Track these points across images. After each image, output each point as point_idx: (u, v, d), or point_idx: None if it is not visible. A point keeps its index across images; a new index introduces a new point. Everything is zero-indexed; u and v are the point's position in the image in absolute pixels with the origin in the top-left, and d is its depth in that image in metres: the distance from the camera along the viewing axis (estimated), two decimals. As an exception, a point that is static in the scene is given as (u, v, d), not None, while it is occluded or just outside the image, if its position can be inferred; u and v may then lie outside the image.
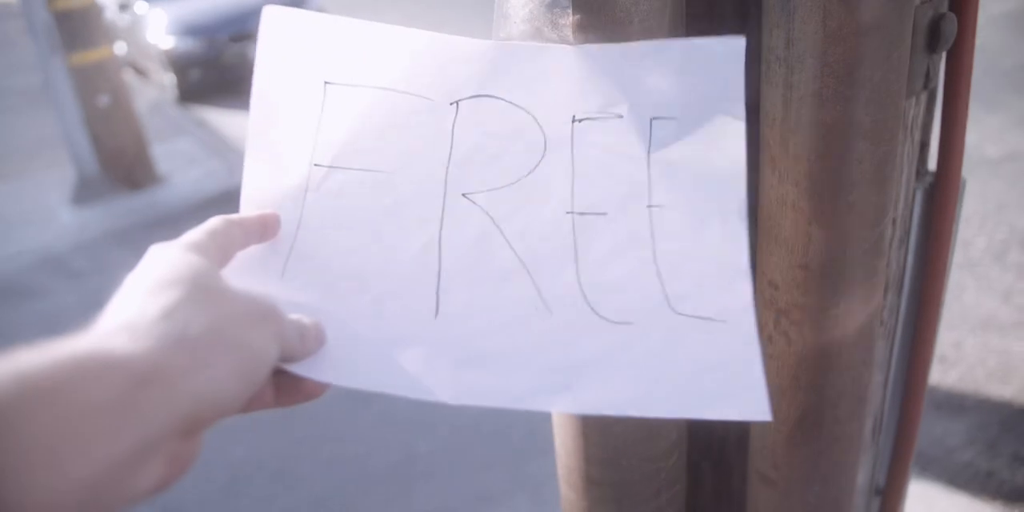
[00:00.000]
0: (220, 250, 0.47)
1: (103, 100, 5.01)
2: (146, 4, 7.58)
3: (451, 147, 0.53)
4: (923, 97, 0.70)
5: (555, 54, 0.54)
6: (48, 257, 4.50)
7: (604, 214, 0.51)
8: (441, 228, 0.52)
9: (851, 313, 0.63)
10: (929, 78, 0.67)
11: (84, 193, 5.18)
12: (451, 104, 0.53)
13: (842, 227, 0.59)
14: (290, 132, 0.54)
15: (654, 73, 0.52)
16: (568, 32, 0.55)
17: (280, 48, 0.54)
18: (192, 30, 7.26)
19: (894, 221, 0.70)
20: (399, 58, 0.54)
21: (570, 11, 0.55)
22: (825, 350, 0.64)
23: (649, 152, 0.52)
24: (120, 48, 6.71)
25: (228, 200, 4.85)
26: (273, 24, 0.55)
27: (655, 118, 0.52)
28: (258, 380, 0.40)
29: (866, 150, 0.57)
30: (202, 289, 0.40)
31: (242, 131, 6.17)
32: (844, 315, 0.63)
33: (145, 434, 0.34)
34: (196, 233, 0.46)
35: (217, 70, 7.31)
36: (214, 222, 0.48)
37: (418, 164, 0.53)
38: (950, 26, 0.63)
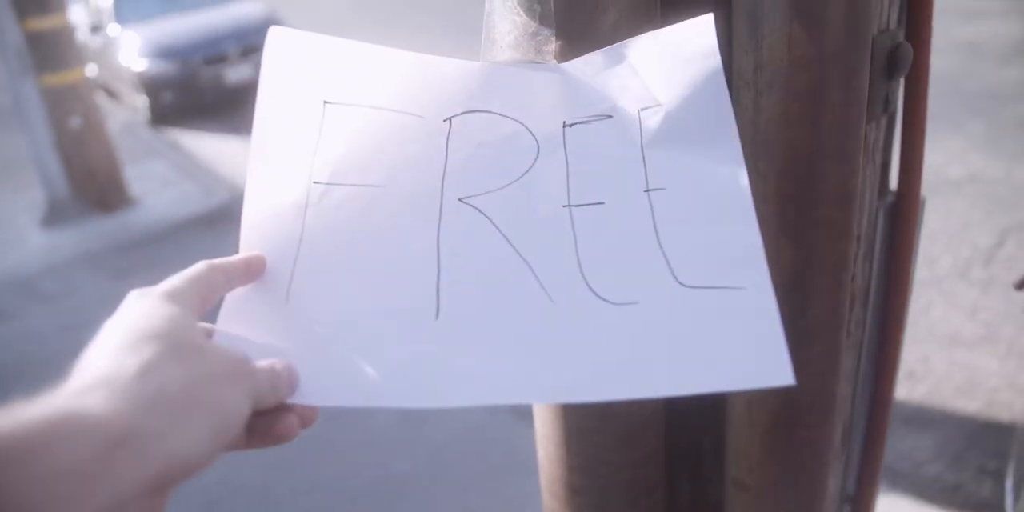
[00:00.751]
0: (199, 297, 0.47)
1: (75, 122, 4.98)
2: (118, 26, 7.56)
3: (446, 158, 0.55)
4: (883, 120, 0.74)
5: (541, 71, 0.57)
6: (17, 280, 4.44)
7: (601, 204, 0.53)
8: (439, 231, 0.53)
9: (819, 324, 0.66)
10: (888, 102, 0.71)
11: (55, 215, 5.12)
12: (444, 121, 0.55)
13: (809, 242, 0.63)
14: (290, 150, 0.55)
15: (635, 69, 0.54)
16: (551, 59, 0.58)
17: (283, 68, 0.56)
18: (165, 52, 7.24)
19: (859, 237, 0.73)
20: (395, 79, 0.56)
21: (553, 38, 0.59)
22: (794, 359, 0.67)
23: (642, 142, 0.53)
24: (92, 70, 6.67)
25: (202, 223, 4.82)
26: (277, 45, 0.56)
27: (643, 109, 0.54)
28: (230, 437, 0.41)
29: (830, 170, 0.60)
30: (179, 345, 0.41)
31: (216, 153, 6.18)
32: (813, 326, 0.66)
33: (116, 496, 0.34)
34: (176, 280, 0.47)
35: (190, 92, 7.28)
36: (197, 268, 0.48)
37: (414, 176, 0.54)
38: (906, 54, 0.68)
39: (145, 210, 5.23)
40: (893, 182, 0.80)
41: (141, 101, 7.37)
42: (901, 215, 0.78)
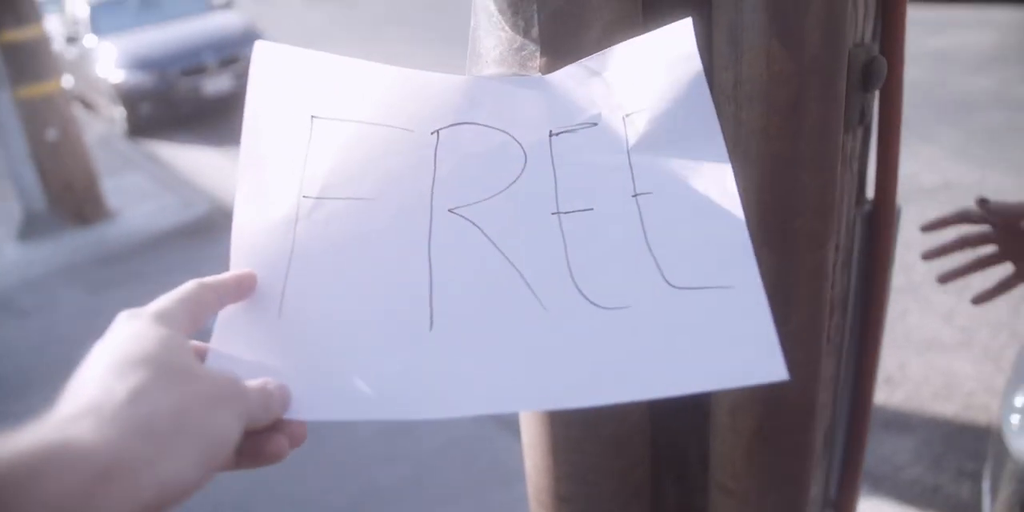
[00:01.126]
0: (190, 317, 0.47)
1: (51, 134, 4.94)
2: (95, 37, 7.51)
3: (434, 170, 0.55)
4: (859, 131, 0.76)
5: (525, 83, 0.58)
6: (-8, 294, 4.39)
7: (590, 210, 0.53)
8: (430, 242, 0.53)
9: (800, 331, 0.68)
10: (864, 114, 0.73)
11: (31, 229, 5.07)
12: (431, 133, 0.56)
13: (789, 251, 0.64)
14: (279, 165, 0.56)
15: (617, 76, 0.55)
16: (537, 74, 0.60)
17: (270, 82, 0.57)
18: (143, 63, 7.20)
19: (837, 246, 0.75)
20: (381, 93, 0.57)
21: (538, 54, 0.60)
22: (778, 365, 0.68)
23: (628, 147, 0.54)
24: (68, 81, 6.62)
25: (181, 235, 4.79)
26: (264, 59, 0.57)
27: (627, 115, 0.55)
28: (221, 462, 0.41)
29: (809, 180, 0.62)
30: (169, 369, 0.40)
31: (194, 165, 6.15)
32: (793, 333, 0.67)
33: None
34: (166, 301, 0.46)
35: (168, 104, 7.25)
36: (187, 287, 0.48)
37: (404, 188, 0.55)
38: (881, 67, 0.69)
39: (123, 223, 5.18)
40: (869, 191, 0.82)
41: (118, 113, 7.33)
42: (878, 223, 0.80)
